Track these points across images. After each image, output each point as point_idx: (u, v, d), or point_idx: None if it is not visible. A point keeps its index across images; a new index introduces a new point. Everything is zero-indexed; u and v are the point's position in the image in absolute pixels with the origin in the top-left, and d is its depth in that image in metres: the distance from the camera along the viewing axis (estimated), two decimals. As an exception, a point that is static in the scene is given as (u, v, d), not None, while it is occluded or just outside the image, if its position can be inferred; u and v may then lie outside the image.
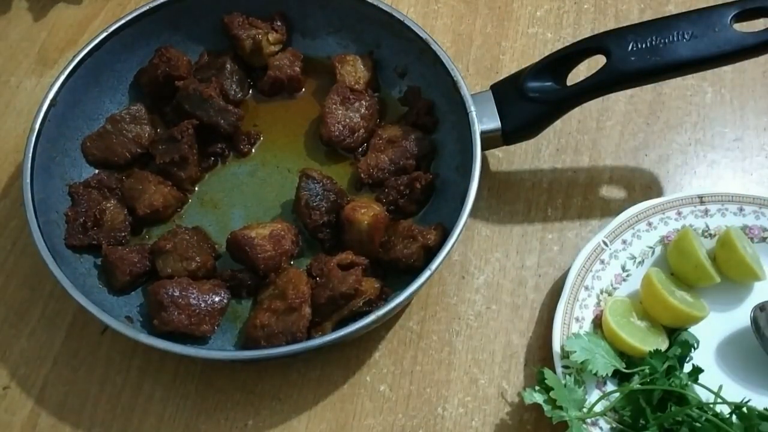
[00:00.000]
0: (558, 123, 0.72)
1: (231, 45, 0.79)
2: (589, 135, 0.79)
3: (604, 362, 0.64)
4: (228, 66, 0.78)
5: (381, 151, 0.74)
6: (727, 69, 0.74)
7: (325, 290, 0.65)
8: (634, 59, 0.66)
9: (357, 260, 0.67)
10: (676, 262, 0.68)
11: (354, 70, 0.77)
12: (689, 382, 0.62)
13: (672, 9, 0.85)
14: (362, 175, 0.73)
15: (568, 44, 0.72)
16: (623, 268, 0.69)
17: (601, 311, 0.67)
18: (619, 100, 0.80)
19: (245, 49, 0.78)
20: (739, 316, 0.67)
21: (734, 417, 0.60)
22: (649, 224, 0.70)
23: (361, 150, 0.76)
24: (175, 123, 0.74)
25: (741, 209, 0.71)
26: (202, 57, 0.79)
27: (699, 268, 0.67)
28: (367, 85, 0.77)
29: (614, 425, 0.62)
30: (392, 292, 0.67)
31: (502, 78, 0.73)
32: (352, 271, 0.66)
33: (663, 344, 0.65)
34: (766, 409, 0.59)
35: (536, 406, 0.63)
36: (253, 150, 0.77)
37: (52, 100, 0.72)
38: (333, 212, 0.69)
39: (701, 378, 0.63)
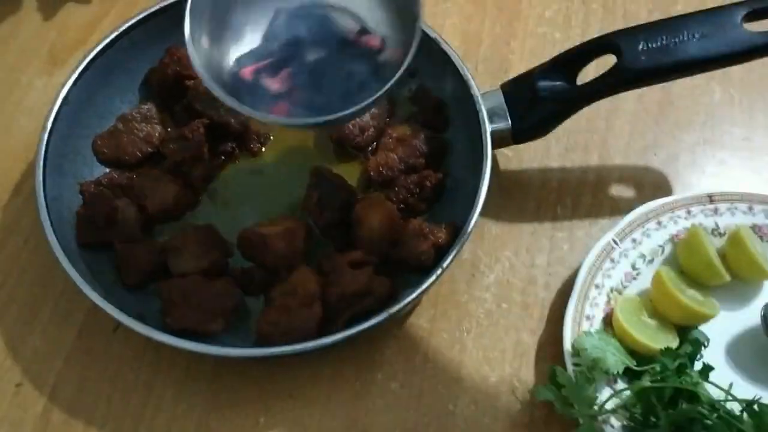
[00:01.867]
0: (567, 122, 0.72)
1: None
2: (598, 134, 0.79)
3: (615, 360, 0.64)
4: None
5: (391, 150, 0.74)
6: (735, 68, 0.74)
7: (335, 289, 0.65)
8: (645, 59, 0.66)
9: (368, 259, 0.67)
10: (686, 261, 0.69)
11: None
12: (700, 380, 0.62)
13: (680, 9, 0.85)
14: (372, 173, 0.73)
15: (576, 44, 0.72)
16: (633, 267, 0.69)
17: (612, 309, 0.67)
18: (628, 99, 0.80)
19: None
20: (750, 315, 0.67)
21: (745, 414, 0.60)
22: (659, 223, 0.71)
23: (370, 149, 0.76)
24: (185, 122, 0.75)
25: (750, 208, 0.71)
26: None
27: (709, 267, 0.67)
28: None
29: (625, 423, 0.62)
30: (403, 291, 0.67)
31: (511, 77, 0.74)
32: (364, 270, 0.66)
33: (673, 342, 0.65)
34: (777, 407, 0.59)
35: (547, 404, 0.63)
36: (264, 149, 0.77)
37: (64, 99, 0.72)
38: (344, 210, 0.70)
39: (712, 376, 0.63)
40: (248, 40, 0.62)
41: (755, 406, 0.60)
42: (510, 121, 0.70)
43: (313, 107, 0.60)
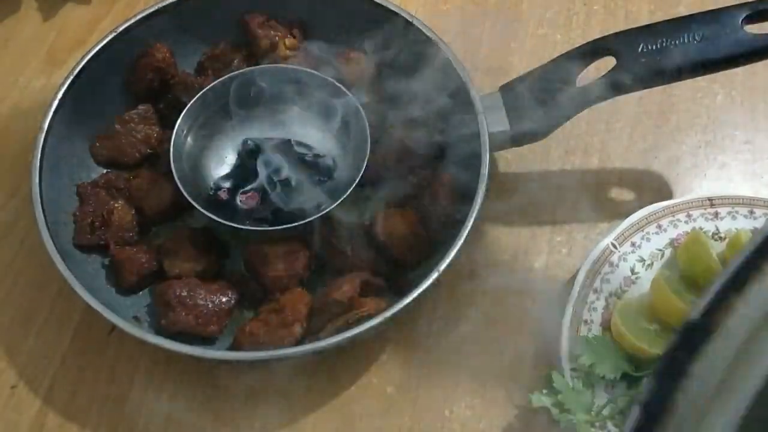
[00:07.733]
0: (567, 125, 0.71)
1: (245, 44, 0.79)
2: (598, 137, 0.79)
3: (613, 365, 0.63)
4: (235, 63, 0.78)
5: (387, 150, 0.74)
6: (737, 71, 0.74)
7: (323, 296, 0.65)
8: (644, 61, 0.66)
9: (375, 281, 0.67)
10: (685, 265, 0.68)
11: (358, 67, 0.77)
12: (698, 386, 0.62)
13: (682, 10, 0.84)
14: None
15: (577, 46, 0.71)
16: (632, 271, 0.69)
17: (610, 314, 0.66)
18: (628, 102, 0.79)
19: (260, 47, 0.78)
20: (749, 320, 0.66)
21: (744, 421, 0.60)
22: (659, 227, 0.70)
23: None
24: (170, 117, 0.74)
25: (751, 212, 0.70)
26: (217, 46, 0.79)
27: (709, 271, 0.66)
28: (371, 81, 0.77)
29: (622, 429, 0.61)
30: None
31: (511, 79, 0.73)
32: (348, 279, 0.65)
33: (672, 348, 0.64)
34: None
35: (544, 410, 0.63)
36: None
37: (61, 100, 0.72)
38: (368, 239, 0.69)
39: (710, 382, 0.62)
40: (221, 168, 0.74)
41: (754, 413, 0.59)
42: (509, 124, 0.70)
43: (280, 217, 0.69)
